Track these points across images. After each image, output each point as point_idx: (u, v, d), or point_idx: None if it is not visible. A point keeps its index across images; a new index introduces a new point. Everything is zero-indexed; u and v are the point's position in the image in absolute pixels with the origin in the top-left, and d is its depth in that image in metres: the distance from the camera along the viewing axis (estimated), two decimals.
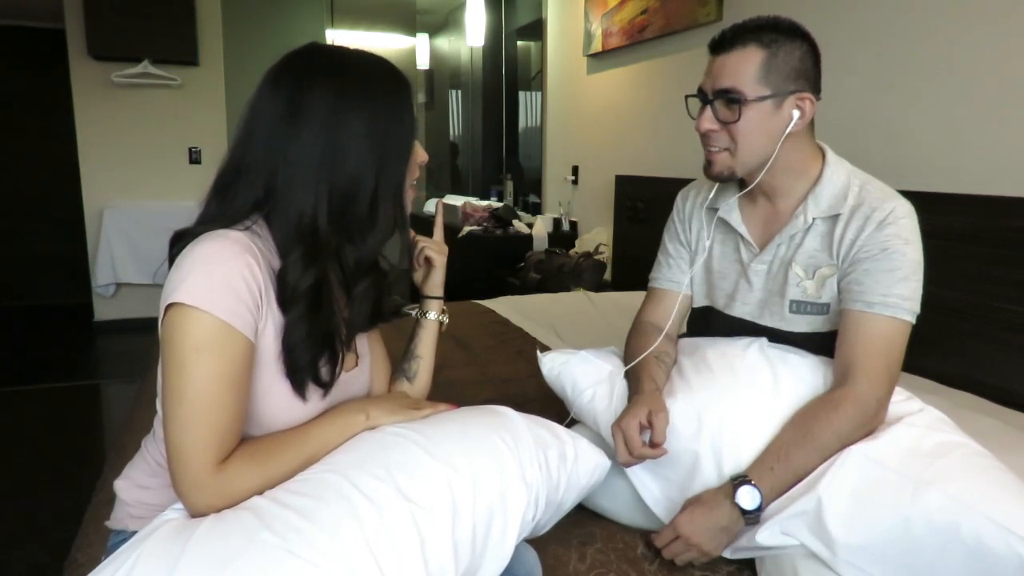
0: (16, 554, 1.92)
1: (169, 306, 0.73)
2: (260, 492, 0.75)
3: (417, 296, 1.09)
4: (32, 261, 5.12)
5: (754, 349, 1.12)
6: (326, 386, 0.85)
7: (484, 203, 4.46)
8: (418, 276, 1.06)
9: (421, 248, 1.04)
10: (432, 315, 1.06)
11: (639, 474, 1.10)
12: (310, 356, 0.81)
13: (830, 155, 1.15)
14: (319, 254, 0.79)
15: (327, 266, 0.81)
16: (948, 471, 0.89)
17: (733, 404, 1.05)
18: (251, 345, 0.76)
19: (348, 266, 0.83)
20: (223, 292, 0.73)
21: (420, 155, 0.89)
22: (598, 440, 1.14)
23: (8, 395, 3.20)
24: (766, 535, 0.94)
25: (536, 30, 4.39)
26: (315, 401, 0.85)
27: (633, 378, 1.17)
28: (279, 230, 0.80)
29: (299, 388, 0.82)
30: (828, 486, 0.91)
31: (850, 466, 0.93)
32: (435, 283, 1.06)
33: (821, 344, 1.13)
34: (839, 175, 1.13)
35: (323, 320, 0.81)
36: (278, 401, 0.81)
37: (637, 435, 1.03)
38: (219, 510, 0.73)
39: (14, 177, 5.02)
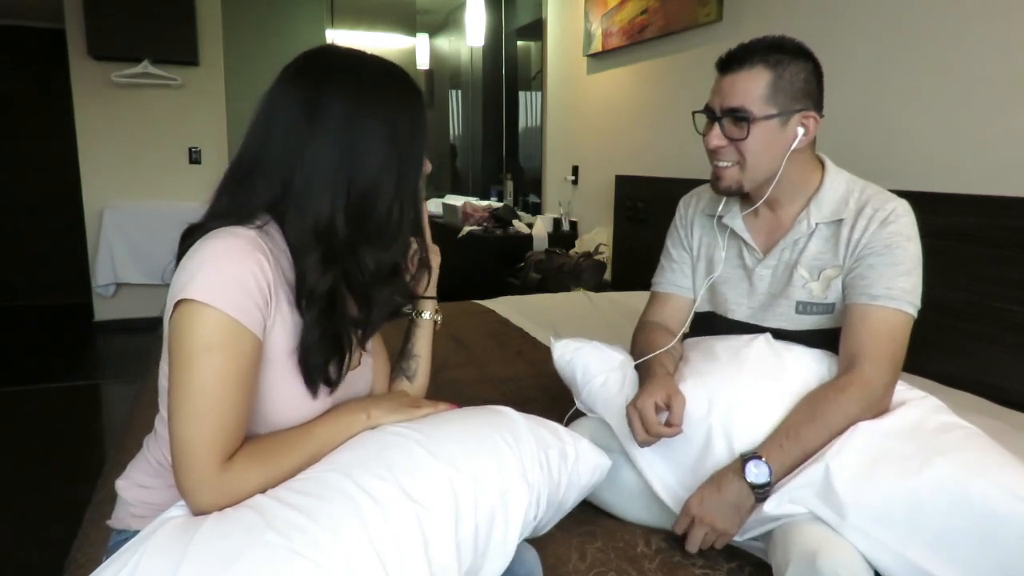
0: (16, 554, 1.92)
1: (178, 303, 0.73)
2: (263, 491, 0.75)
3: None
4: (32, 261, 5.12)
5: (760, 341, 1.15)
6: (333, 384, 0.85)
7: (484, 203, 4.46)
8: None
9: (415, 251, 1.05)
10: (427, 315, 1.07)
11: (649, 458, 1.11)
12: (324, 358, 0.82)
13: (829, 165, 1.20)
14: (337, 257, 0.80)
15: (348, 267, 0.81)
16: (953, 445, 0.93)
17: (742, 388, 1.07)
18: (259, 343, 0.76)
19: (367, 269, 0.83)
20: (234, 289, 0.73)
21: (426, 165, 0.90)
22: (599, 436, 1.14)
23: (8, 395, 3.20)
24: (773, 504, 0.95)
25: (536, 30, 4.39)
26: (322, 398, 0.85)
27: (644, 367, 1.19)
28: (294, 231, 0.80)
29: (312, 387, 0.83)
30: (836, 455, 0.94)
31: (858, 439, 0.96)
32: (430, 284, 1.07)
33: (824, 341, 1.16)
34: (839, 183, 1.17)
35: (336, 322, 0.82)
36: (287, 398, 0.82)
37: (654, 414, 1.05)
38: (222, 508, 0.73)
39: (14, 177, 5.02)
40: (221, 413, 0.73)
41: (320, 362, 0.82)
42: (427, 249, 0.96)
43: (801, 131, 1.12)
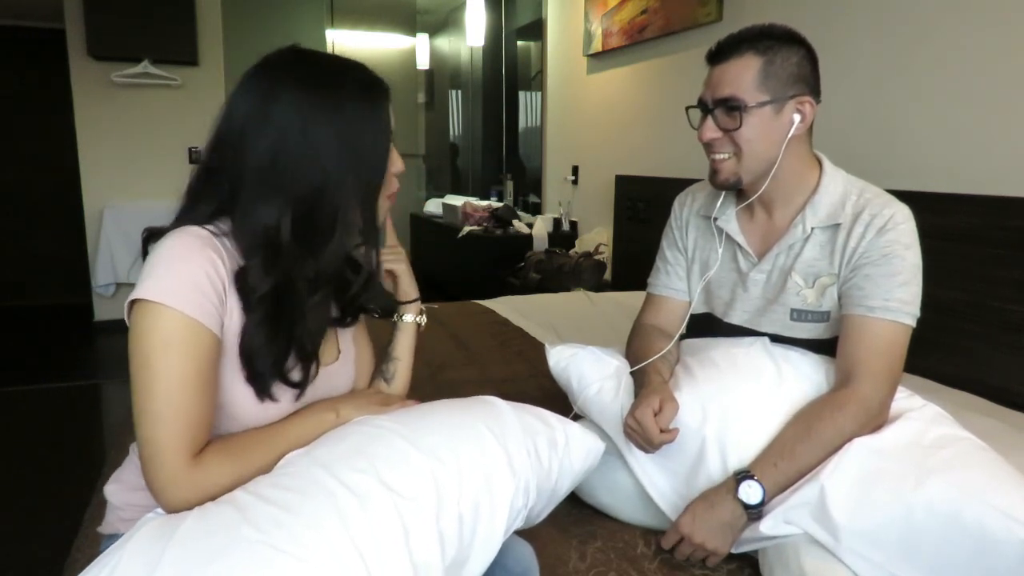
0: (16, 553, 1.92)
1: (134, 302, 0.74)
2: (235, 487, 0.75)
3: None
4: (32, 261, 5.11)
5: (758, 347, 1.14)
6: (299, 387, 0.84)
7: (484, 203, 4.46)
8: (388, 287, 1.06)
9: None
10: (408, 317, 1.06)
11: (646, 467, 1.10)
12: (272, 360, 0.80)
13: (827, 164, 1.17)
14: (279, 260, 0.79)
15: (292, 271, 0.80)
16: (950, 461, 0.91)
17: (737, 396, 1.06)
18: (217, 340, 0.77)
19: (306, 274, 0.82)
20: (187, 288, 0.74)
21: (396, 164, 0.88)
22: (600, 434, 1.14)
23: (8, 395, 3.20)
24: (769, 524, 0.94)
25: (536, 30, 4.39)
26: (288, 400, 0.84)
27: (639, 374, 1.18)
28: (243, 234, 0.79)
29: (262, 391, 0.81)
30: (831, 475, 0.93)
31: (853, 457, 0.94)
32: (405, 288, 1.06)
33: (821, 350, 1.14)
34: (836, 184, 1.14)
35: (285, 324, 0.81)
36: (243, 400, 0.81)
37: (654, 423, 1.04)
38: (194, 505, 0.73)
39: (14, 177, 5.01)
40: (185, 410, 0.73)
41: (267, 366, 0.80)
42: (377, 256, 0.91)
43: (797, 117, 1.09)
